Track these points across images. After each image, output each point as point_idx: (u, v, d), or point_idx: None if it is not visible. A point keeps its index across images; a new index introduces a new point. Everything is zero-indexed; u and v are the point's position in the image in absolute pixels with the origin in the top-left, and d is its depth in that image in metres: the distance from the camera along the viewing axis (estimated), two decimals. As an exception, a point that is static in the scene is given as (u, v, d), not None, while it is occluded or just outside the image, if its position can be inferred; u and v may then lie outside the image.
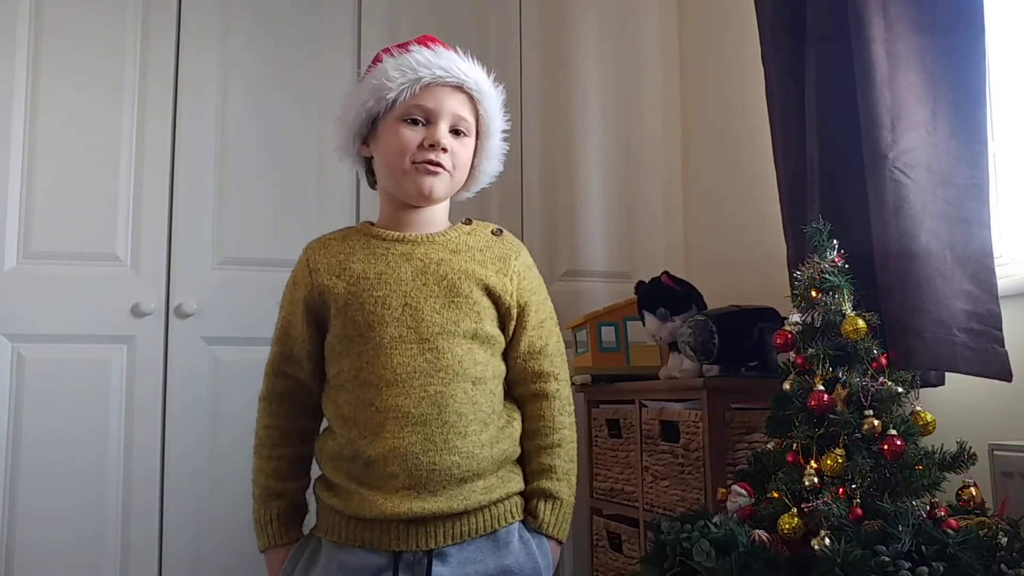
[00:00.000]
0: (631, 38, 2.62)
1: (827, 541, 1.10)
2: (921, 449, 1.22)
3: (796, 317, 1.33)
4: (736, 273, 2.25)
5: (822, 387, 1.24)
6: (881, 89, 1.48)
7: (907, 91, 1.48)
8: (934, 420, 1.26)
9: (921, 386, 1.38)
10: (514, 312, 1.26)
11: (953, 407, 1.52)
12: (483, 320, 1.22)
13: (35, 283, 2.06)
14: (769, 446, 1.34)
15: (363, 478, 1.18)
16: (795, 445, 1.26)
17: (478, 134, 1.28)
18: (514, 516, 1.22)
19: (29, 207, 2.07)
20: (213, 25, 2.25)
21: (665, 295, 1.87)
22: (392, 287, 1.20)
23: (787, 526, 1.17)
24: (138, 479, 2.07)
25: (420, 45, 1.23)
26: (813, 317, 1.30)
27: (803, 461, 1.24)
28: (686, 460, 1.70)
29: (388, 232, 1.26)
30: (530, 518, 1.24)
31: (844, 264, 1.32)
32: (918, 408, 1.27)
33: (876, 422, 1.20)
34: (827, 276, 1.30)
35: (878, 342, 1.28)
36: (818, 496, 1.17)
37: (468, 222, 1.31)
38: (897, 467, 1.19)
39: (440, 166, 1.22)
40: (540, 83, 2.52)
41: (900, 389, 1.24)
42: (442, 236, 1.26)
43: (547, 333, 1.29)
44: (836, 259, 1.32)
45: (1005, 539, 1.10)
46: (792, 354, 1.33)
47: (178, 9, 2.22)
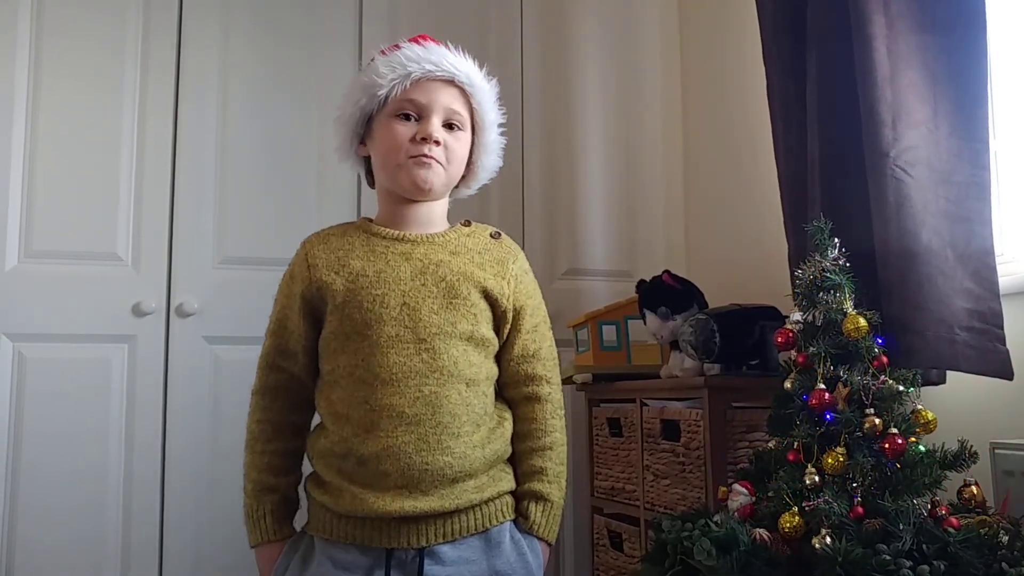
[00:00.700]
0: (632, 37, 2.62)
1: (828, 540, 1.10)
2: (920, 446, 1.22)
3: (797, 316, 1.33)
4: (737, 272, 2.25)
5: (823, 386, 1.24)
6: (882, 87, 1.48)
7: (908, 89, 1.48)
8: (935, 418, 1.26)
9: (922, 384, 1.38)
10: (510, 315, 1.26)
11: (954, 406, 1.51)
12: (479, 322, 1.23)
13: (36, 282, 2.06)
14: (770, 445, 1.34)
15: (355, 476, 1.18)
16: (796, 444, 1.26)
17: (474, 129, 1.28)
18: (505, 515, 1.23)
19: (30, 206, 2.07)
20: (214, 25, 2.25)
21: (666, 294, 1.86)
22: (391, 286, 1.20)
23: (788, 525, 1.16)
24: (139, 478, 2.08)
25: (411, 43, 1.24)
26: (814, 315, 1.30)
27: (804, 460, 1.24)
28: (687, 459, 1.70)
29: (388, 231, 1.26)
30: (521, 519, 1.24)
31: (845, 262, 1.32)
32: (919, 407, 1.26)
33: (877, 421, 1.20)
34: (828, 275, 1.30)
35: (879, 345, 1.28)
36: (819, 495, 1.17)
37: (467, 224, 1.32)
38: (898, 465, 1.19)
39: (433, 159, 1.22)
40: (541, 82, 2.52)
41: (901, 387, 1.24)
42: (442, 237, 1.27)
43: (540, 337, 1.30)
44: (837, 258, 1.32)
45: (1006, 538, 1.10)
46: (793, 353, 1.33)
47: (179, 9, 2.22)
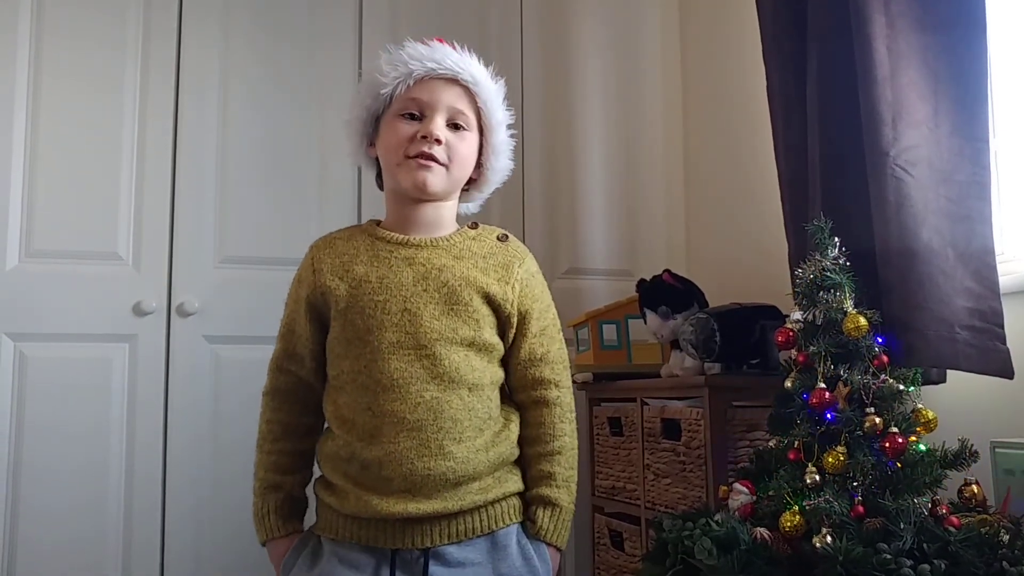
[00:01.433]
0: (632, 37, 2.62)
1: (829, 539, 1.10)
2: (921, 445, 1.22)
3: (797, 315, 1.33)
4: (737, 271, 2.25)
5: (824, 385, 1.24)
6: (882, 86, 1.47)
7: (908, 88, 1.48)
8: (936, 417, 1.26)
9: (923, 384, 1.38)
10: (514, 320, 1.25)
11: (955, 405, 1.51)
12: (482, 328, 1.22)
13: (37, 282, 2.06)
14: (771, 444, 1.34)
15: (359, 479, 1.18)
16: (797, 443, 1.26)
17: (482, 131, 1.27)
18: (512, 518, 1.22)
19: (31, 206, 2.07)
20: (214, 25, 2.25)
21: (667, 293, 1.87)
22: (392, 292, 1.20)
23: (789, 524, 1.16)
24: (140, 477, 2.08)
25: (416, 42, 1.23)
26: (815, 315, 1.30)
27: (804, 459, 1.24)
28: (688, 458, 1.70)
29: (393, 235, 1.26)
30: (529, 524, 1.24)
31: (845, 262, 1.32)
32: (920, 406, 1.26)
33: (878, 420, 1.20)
34: (828, 274, 1.30)
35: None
36: (820, 494, 1.17)
37: (474, 226, 1.30)
38: (899, 464, 1.19)
39: (433, 159, 1.21)
40: (542, 82, 2.51)
41: (901, 387, 1.24)
42: (446, 241, 1.26)
43: (549, 340, 1.28)
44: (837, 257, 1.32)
45: (1007, 537, 1.10)
46: (793, 352, 1.33)
47: (179, 9, 2.22)
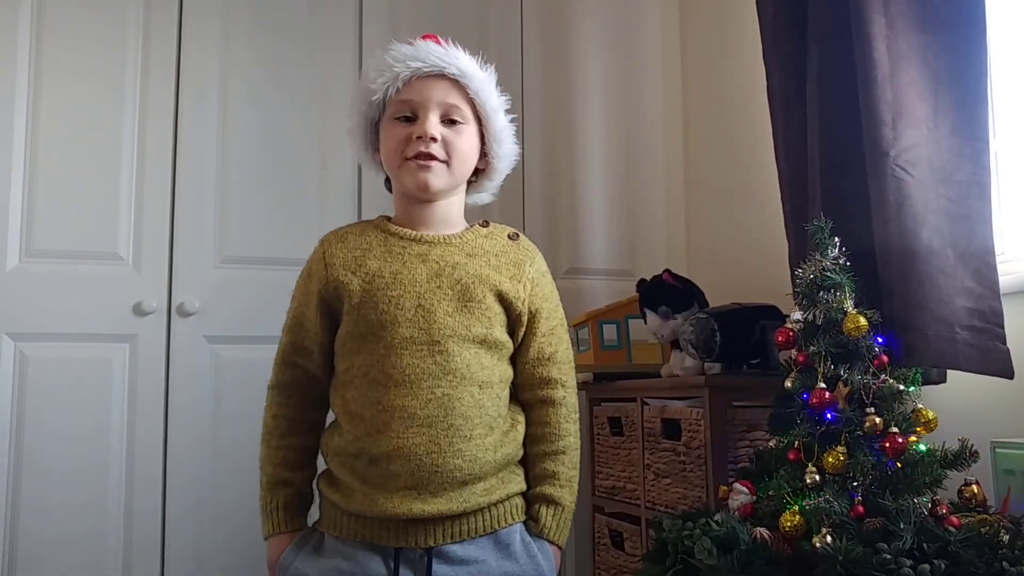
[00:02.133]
0: (632, 36, 2.62)
1: (829, 539, 1.10)
2: (921, 445, 1.22)
3: (798, 315, 1.33)
4: (738, 271, 2.25)
5: (824, 385, 1.24)
6: (882, 86, 1.47)
7: (908, 88, 1.48)
8: (936, 417, 1.26)
9: (923, 383, 1.38)
10: (525, 318, 1.25)
11: (955, 405, 1.51)
12: (494, 326, 1.22)
13: (37, 282, 2.06)
14: (771, 444, 1.34)
15: (366, 475, 1.18)
16: (797, 443, 1.26)
17: (480, 120, 1.26)
18: (515, 517, 1.23)
19: (31, 206, 2.07)
20: (214, 25, 2.25)
21: (667, 293, 1.86)
22: (406, 287, 1.20)
23: (789, 524, 1.17)
24: (140, 477, 2.08)
25: (401, 44, 1.23)
26: (815, 315, 1.30)
27: (804, 459, 1.24)
28: (688, 458, 1.70)
29: (406, 231, 1.26)
30: (531, 522, 1.24)
31: (845, 261, 1.32)
32: (920, 405, 1.27)
33: (878, 419, 1.20)
34: (828, 274, 1.30)
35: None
36: (820, 494, 1.17)
37: (485, 224, 1.31)
38: (899, 464, 1.19)
39: (432, 157, 1.21)
40: (542, 81, 2.51)
41: (902, 386, 1.24)
42: (459, 238, 1.26)
43: (557, 340, 1.29)
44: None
45: (1007, 537, 1.10)
46: (794, 352, 1.33)
47: (179, 9, 2.22)
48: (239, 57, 2.26)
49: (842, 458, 1.19)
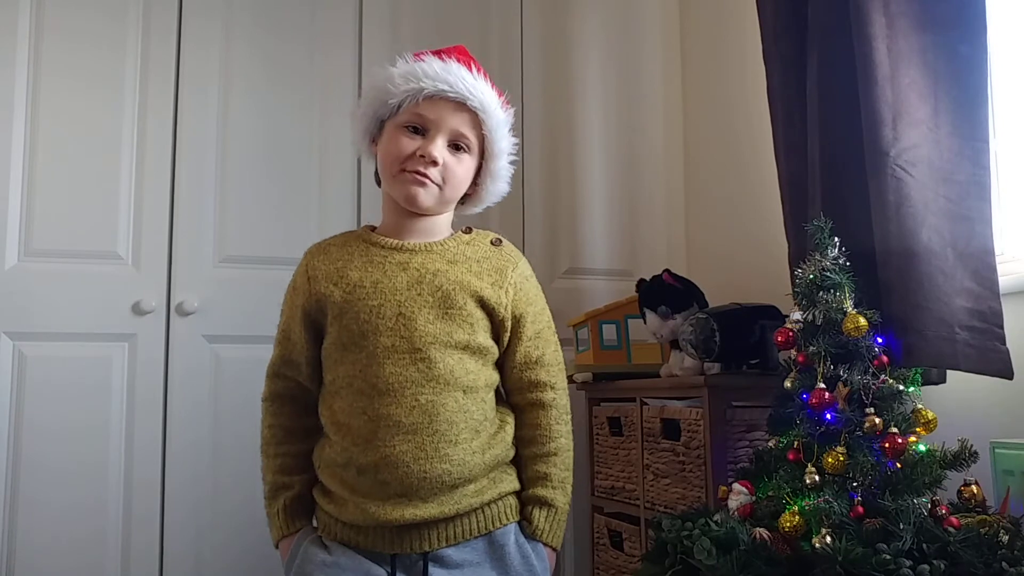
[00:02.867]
0: (632, 36, 2.62)
1: (828, 539, 1.10)
2: (921, 445, 1.22)
3: (797, 315, 1.33)
4: (737, 271, 2.25)
5: (823, 385, 1.24)
6: (883, 86, 1.47)
7: (909, 88, 1.47)
8: (935, 418, 1.26)
9: (923, 384, 1.38)
10: (509, 324, 1.26)
11: (954, 405, 1.51)
12: (476, 332, 1.23)
13: (36, 281, 2.06)
14: (770, 444, 1.34)
15: (356, 485, 1.19)
16: (796, 443, 1.26)
17: (483, 154, 1.27)
18: (508, 517, 1.23)
19: (30, 205, 2.07)
20: (214, 24, 2.24)
21: (666, 293, 1.87)
22: (387, 296, 1.20)
23: (788, 524, 1.17)
24: (139, 477, 2.07)
25: (436, 56, 1.23)
26: (814, 315, 1.30)
27: (804, 459, 1.24)
28: (687, 458, 1.70)
29: (387, 240, 1.26)
30: (525, 524, 1.25)
31: (845, 262, 1.32)
32: (919, 406, 1.26)
33: (877, 420, 1.20)
34: (828, 274, 1.30)
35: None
36: (819, 494, 1.17)
37: (468, 231, 1.31)
38: (898, 465, 1.19)
39: (428, 178, 1.21)
40: (542, 81, 2.51)
41: (901, 387, 1.24)
42: (440, 246, 1.26)
43: (544, 343, 1.29)
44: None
45: (1006, 537, 1.10)
46: (793, 352, 1.33)
47: (179, 8, 2.22)
48: (239, 57, 2.26)
49: (842, 458, 1.19)
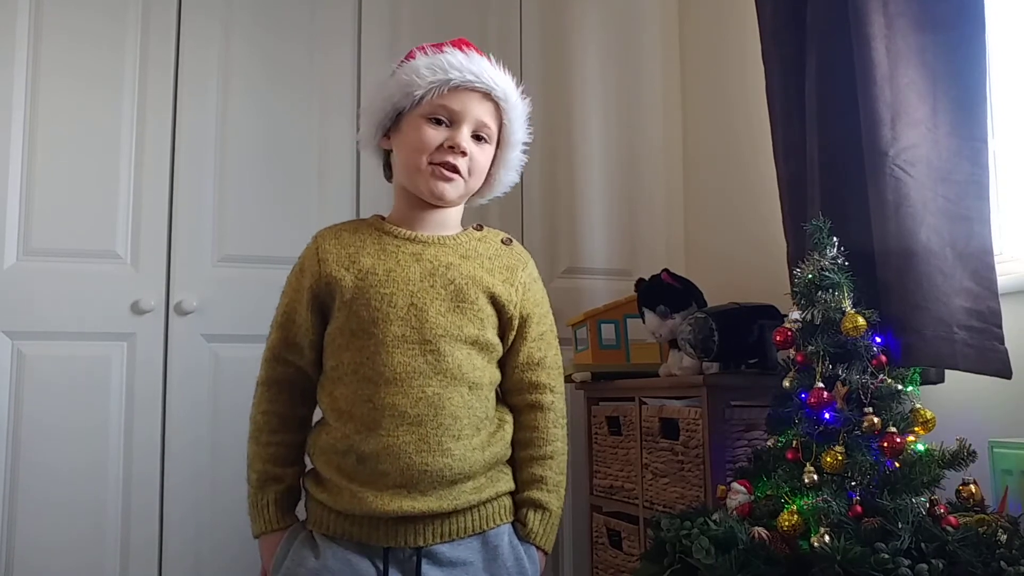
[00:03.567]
0: (632, 36, 2.62)
1: (827, 538, 1.10)
2: (919, 445, 1.22)
3: (796, 314, 1.33)
4: (736, 270, 2.25)
5: (822, 384, 1.24)
6: (881, 86, 1.47)
7: (907, 88, 1.48)
8: (934, 417, 1.26)
9: (921, 383, 1.38)
10: (516, 322, 1.26)
11: (953, 404, 1.52)
12: (486, 327, 1.23)
13: (35, 280, 2.06)
14: (769, 443, 1.34)
15: (354, 474, 1.18)
16: (795, 442, 1.26)
17: (499, 143, 1.28)
18: (503, 518, 1.23)
19: (29, 204, 2.07)
20: (213, 23, 2.24)
21: (665, 292, 1.87)
22: (399, 285, 1.20)
23: (786, 523, 1.17)
24: (138, 476, 2.07)
25: (455, 47, 1.24)
26: (813, 314, 1.30)
27: (803, 458, 1.24)
28: (686, 457, 1.70)
29: (400, 230, 1.26)
30: (519, 525, 1.25)
31: (844, 261, 1.32)
32: (918, 405, 1.27)
33: (876, 419, 1.20)
34: (827, 273, 1.30)
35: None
36: (818, 493, 1.17)
37: (479, 228, 1.32)
38: (897, 464, 1.19)
39: (456, 170, 1.22)
40: (541, 80, 2.51)
41: (900, 386, 1.25)
42: (453, 240, 1.27)
43: (546, 345, 1.29)
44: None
45: (1005, 536, 1.10)
46: (792, 351, 1.33)
47: (178, 8, 2.22)
48: (238, 56, 2.26)
49: (840, 458, 1.19)
